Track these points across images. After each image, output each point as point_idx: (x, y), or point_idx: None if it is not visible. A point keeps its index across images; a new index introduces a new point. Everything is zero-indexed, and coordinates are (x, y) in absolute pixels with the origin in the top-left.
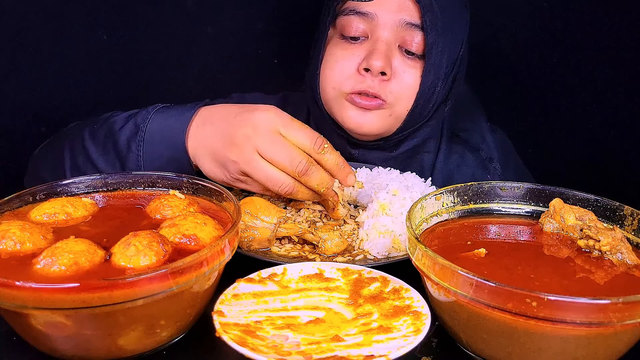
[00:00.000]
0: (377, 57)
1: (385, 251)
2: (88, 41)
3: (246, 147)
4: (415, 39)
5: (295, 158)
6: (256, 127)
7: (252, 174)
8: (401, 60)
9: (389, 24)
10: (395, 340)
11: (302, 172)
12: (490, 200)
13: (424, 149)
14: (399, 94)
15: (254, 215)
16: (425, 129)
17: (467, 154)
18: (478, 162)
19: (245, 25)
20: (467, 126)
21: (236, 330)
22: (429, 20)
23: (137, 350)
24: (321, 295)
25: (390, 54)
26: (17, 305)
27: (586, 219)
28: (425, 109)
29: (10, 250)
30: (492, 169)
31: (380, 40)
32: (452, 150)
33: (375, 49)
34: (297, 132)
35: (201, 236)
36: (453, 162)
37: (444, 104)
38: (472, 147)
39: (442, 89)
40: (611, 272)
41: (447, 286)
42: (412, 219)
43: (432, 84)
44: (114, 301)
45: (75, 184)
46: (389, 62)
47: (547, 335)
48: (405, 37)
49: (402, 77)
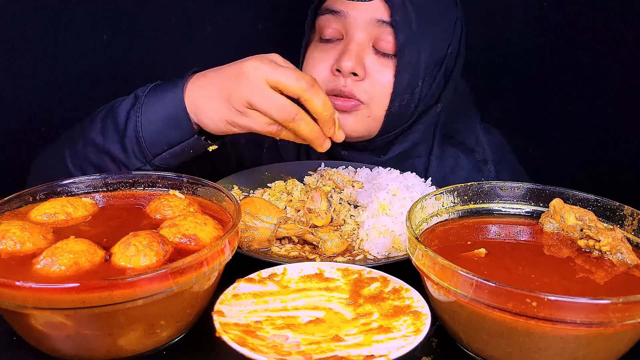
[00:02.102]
0: (347, 57)
1: (385, 251)
2: (88, 41)
3: (253, 75)
4: (388, 37)
5: (301, 77)
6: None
7: (258, 102)
8: (374, 59)
9: (360, 22)
10: (395, 340)
11: (309, 86)
12: (490, 200)
13: (415, 153)
14: (373, 93)
15: (254, 216)
16: (415, 133)
17: (461, 156)
18: (472, 164)
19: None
20: (461, 127)
21: (236, 330)
22: (399, 18)
23: (137, 350)
24: (321, 295)
25: (362, 54)
26: (17, 305)
27: (586, 219)
28: (407, 109)
29: (10, 250)
30: (487, 171)
31: (352, 40)
32: (445, 153)
33: (347, 50)
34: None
35: (201, 236)
36: (447, 165)
37: (435, 105)
38: (467, 149)
39: (426, 90)
40: (611, 272)
41: (447, 286)
42: (412, 219)
43: (410, 84)
44: (114, 301)
45: (75, 184)
46: (361, 62)
47: (547, 335)
48: (378, 36)
49: (375, 77)
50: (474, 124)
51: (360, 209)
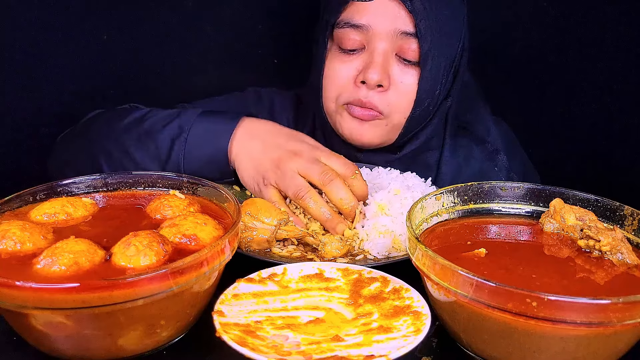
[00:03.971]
0: (373, 70)
1: (385, 251)
2: (87, 40)
3: (288, 172)
4: (412, 46)
5: (326, 171)
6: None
7: (282, 184)
8: (399, 69)
9: (384, 35)
10: (396, 340)
11: (327, 181)
12: (491, 200)
13: (428, 147)
14: (397, 104)
15: (254, 217)
16: (428, 128)
17: (474, 146)
18: (485, 154)
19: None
20: (472, 119)
21: (236, 330)
22: (423, 28)
23: (137, 350)
24: (321, 295)
25: (387, 65)
26: (17, 305)
27: (586, 219)
28: (426, 113)
29: (11, 250)
30: (499, 161)
31: (376, 51)
32: (458, 144)
33: (372, 62)
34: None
35: (201, 236)
36: (460, 156)
37: (445, 100)
38: (478, 140)
39: (442, 90)
40: (611, 272)
41: (447, 286)
42: (412, 219)
43: (431, 89)
44: (114, 301)
45: (76, 184)
46: (386, 73)
47: (547, 335)
48: (402, 46)
49: (399, 86)
50: (484, 115)
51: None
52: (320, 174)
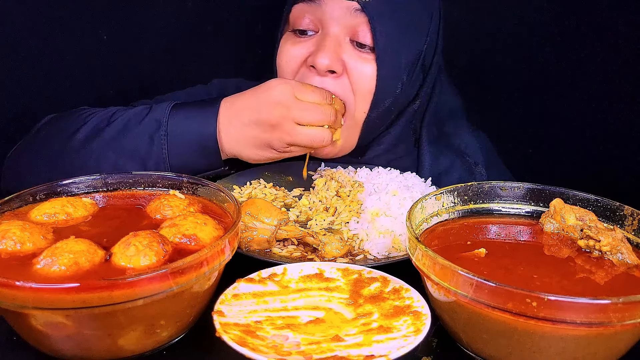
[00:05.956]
0: (323, 53)
1: (385, 251)
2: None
3: (285, 123)
4: (365, 27)
5: (325, 112)
6: (281, 103)
7: (298, 142)
8: (353, 54)
9: (336, 12)
10: (396, 340)
11: (333, 120)
12: (491, 200)
13: (395, 154)
14: (354, 91)
15: (254, 217)
16: (392, 132)
17: (455, 158)
18: (465, 166)
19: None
20: (450, 130)
21: (236, 330)
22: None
23: (137, 350)
24: (321, 295)
25: (339, 49)
26: (17, 305)
27: (586, 219)
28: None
29: (11, 250)
30: (478, 174)
31: (328, 34)
32: (437, 155)
33: (322, 44)
34: (310, 94)
35: (201, 236)
36: (441, 166)
37: (412, 103)
38: (458, 151)
39: (405, 89)
40: (611, 272)
41: (447, 286)
42: (412, 219)
43: (392, 84)
44: (114, 301)
45: (75, 184)
46: (339, 58)
47: (547, 335)
48: (355, 29)
49: (354, 73)
50: (462, 127)
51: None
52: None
